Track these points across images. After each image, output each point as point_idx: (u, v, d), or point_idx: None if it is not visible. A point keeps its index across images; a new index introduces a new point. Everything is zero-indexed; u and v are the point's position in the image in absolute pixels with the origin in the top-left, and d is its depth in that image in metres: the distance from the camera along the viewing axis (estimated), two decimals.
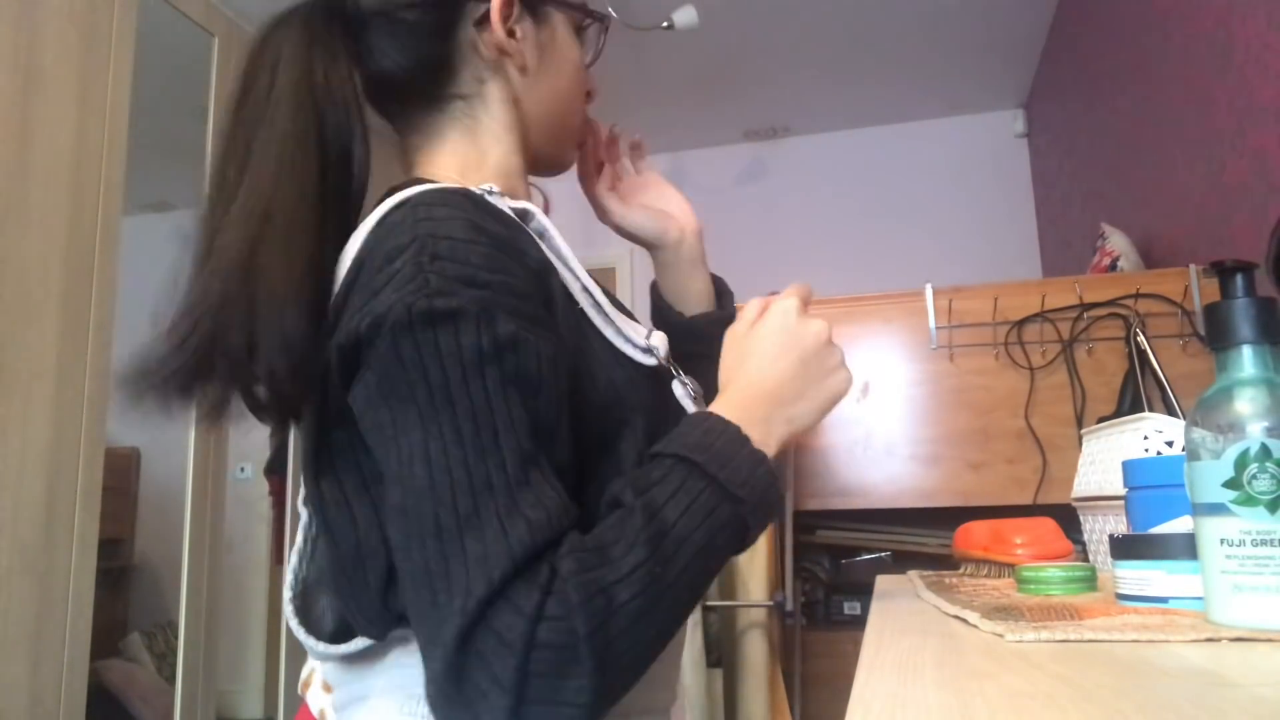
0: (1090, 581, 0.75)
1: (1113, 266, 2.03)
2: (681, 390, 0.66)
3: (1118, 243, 2.09)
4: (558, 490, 0.51)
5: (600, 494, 0.55)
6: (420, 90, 0.69)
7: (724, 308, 0.86)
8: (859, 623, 1.92)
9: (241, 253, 0.57)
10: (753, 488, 0.54)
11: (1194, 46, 1.85)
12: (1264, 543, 0.50)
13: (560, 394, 0.55)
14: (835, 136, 4.08)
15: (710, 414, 0.57)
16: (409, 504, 0.50)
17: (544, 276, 0.58)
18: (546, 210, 0.71)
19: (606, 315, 0.63)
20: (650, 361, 0.64)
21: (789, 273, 4.02)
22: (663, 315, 0.86)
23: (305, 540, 0.66)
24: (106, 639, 2.98)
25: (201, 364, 0.57)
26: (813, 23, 3.17)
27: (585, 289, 0.63)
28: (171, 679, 2.56)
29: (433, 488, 0.49)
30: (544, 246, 0.62)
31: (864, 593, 1.96)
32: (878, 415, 1.91)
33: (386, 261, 0.53)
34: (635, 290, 4.11)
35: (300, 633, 0.63)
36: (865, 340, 1.95)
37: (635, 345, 0.64)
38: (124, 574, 3.61)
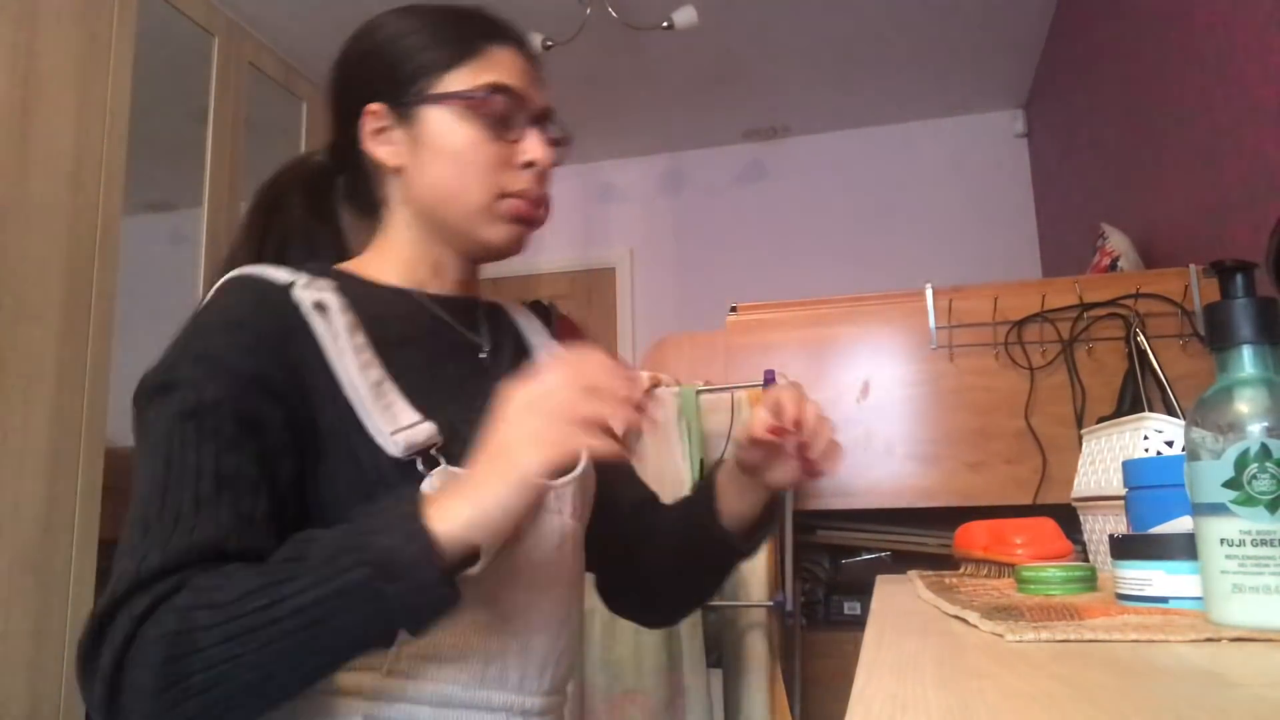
0: (1090, 581, 0.75)
1: (1113, 266, 2.03)
2: (429, 485, 0.64)
3: (1118, 243, 2.09)
4: (219, 526, 0.59)
5: None
6: (356, 207, 0.84)
7: (750, 544, 0.86)
8: (859, 623, 1.91)
9: None
10: (393, 560, 0.53)
11: (1194, 46, 1.85)
12: (1264, 543, 0.50)
13: (259, 457, 0.63)
14: (835, 136, 4.08)
15: (397, 502, 0.57)
16: (131, 515, 0.61)
17: (297, 372, 0.66)
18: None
19: (363, 404, 0.66)
20: (393, 453, 0.65)
21: (789, 272, 4.03)
22: (708, 506, 0.85)
23: None
24: None
25: None
26: (813, 23, 3.17)
27: (351, 379, 0.67)
28: None
29: (134, 509, 0.60)
30: (330, 338, 0.67)
31: (864, 593, 1.96)
32: (877, 415, 1.91)
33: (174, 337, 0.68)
34: (635, 291, 4.11)
35: None
36: (865, 340, 1.95)
37: (382, 436, 0.66)
38: None
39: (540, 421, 0.57)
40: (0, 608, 1.87)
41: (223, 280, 0.70)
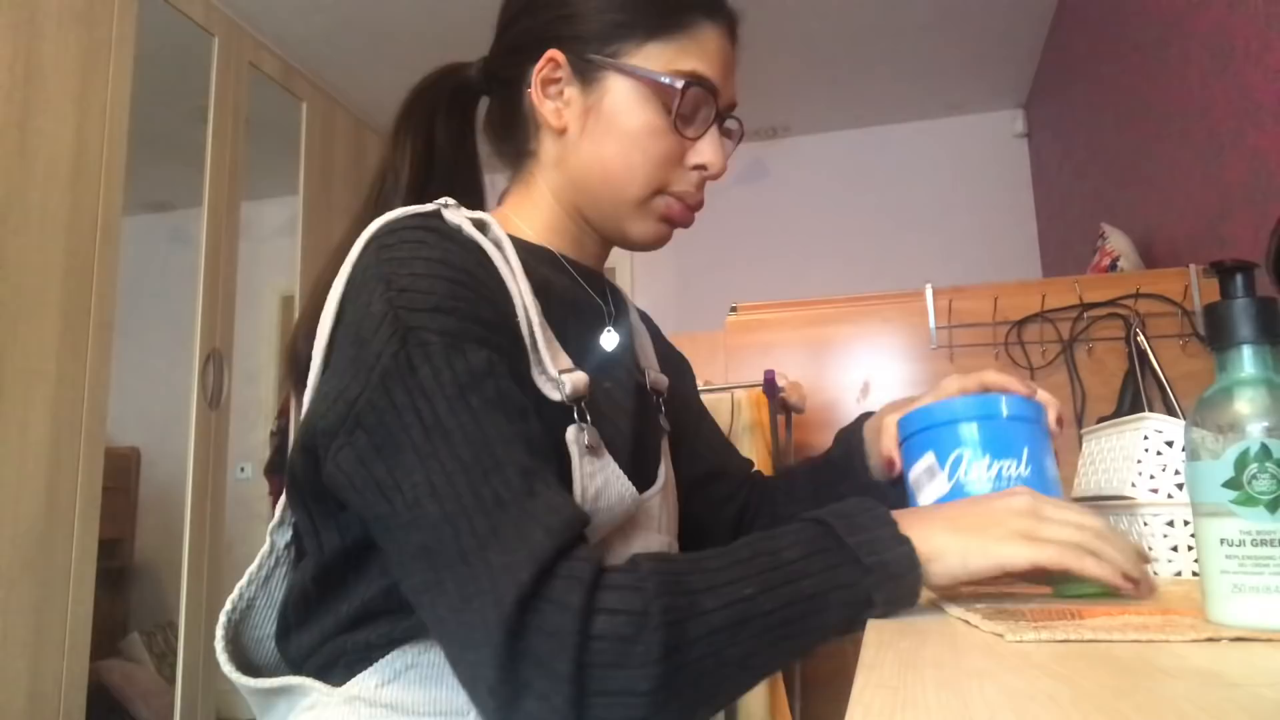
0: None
1: (1113, 266, 2.03)
2: (574, 434, 0.61)
3: (1118, 243, 2.09)
4: (565, 498, 0.53)
5: None
6: (497, 144, 0.77)
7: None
8: None
9: None
10: (885, 563, 0.52)
11: (1194, 46, 1.85)
12: (1264, 543, 0.50)
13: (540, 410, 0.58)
14: (835, 136, 4.08)
15: (874, 503, 0.56)
16: (429, 541, 0.50)
17: (504, 297, 0.61)
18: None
19: (535, 339, 0.62)
20: (555, 396, 0.61)
21: (789, 273, 4.03)
22: (851, 458, 0.82)
23: (260, 565, 0.68)
24: (106, 639, 2.98)
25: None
26: (813, 23, 3.17)
27: (525, 306, 0.62)
28: (171, 679, 2.56)
29: (446, 518, 0.50)
30: (500, 257, 0.62)
31: None
32: None
33: (357, 313, 0.57)
34: (635, 291, 4.11)
35: (223, 657, 0.65)
36: (865, 340, 1.95)
37: (547, 375, 0.62)
38: (124, 574, 3.61)
39: (1001, 514, 0.55)
40: (0, 608, 1.87)
41: (398, 226, 0.61)
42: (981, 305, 1.87)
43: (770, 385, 1.75)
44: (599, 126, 0.69)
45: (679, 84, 0.67)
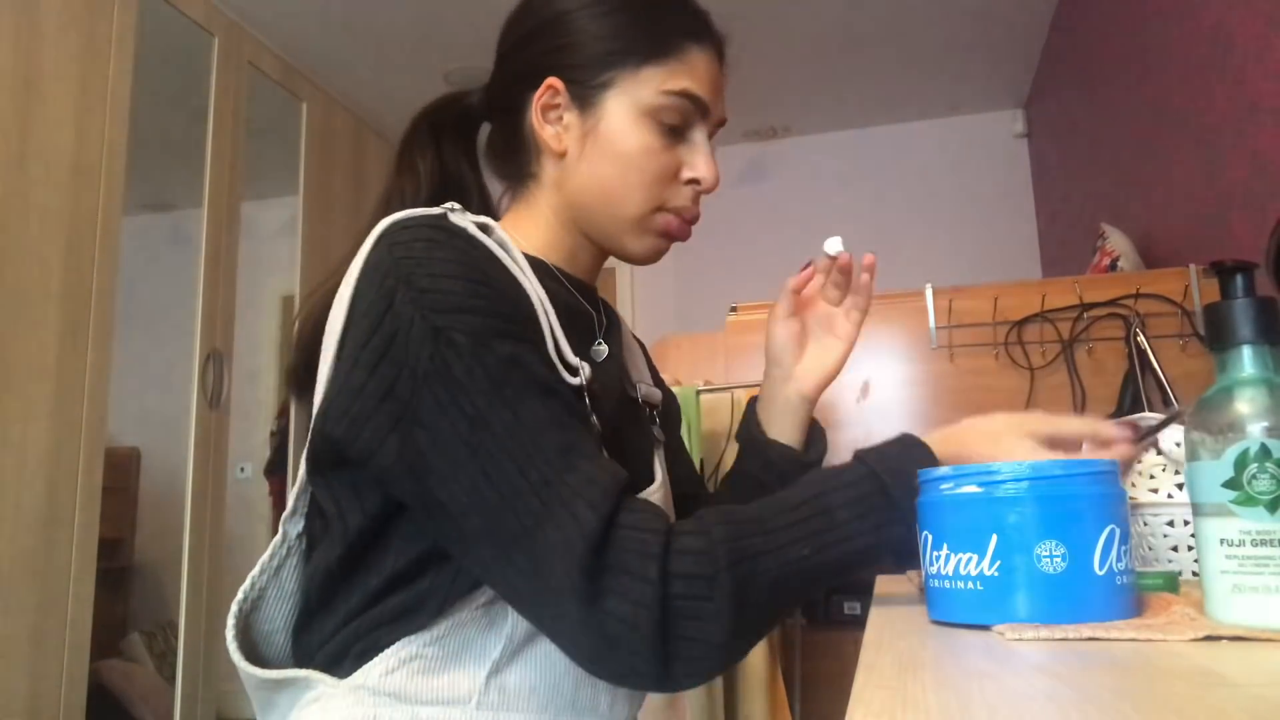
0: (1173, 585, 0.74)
1: (1113, 266, 2.03)
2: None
3: (1118, 243, 2.09)
4: (603, 464, 0.58)
5: None
6: (499, 168, 0.80)
7: (808, 454, 0.90)
8: (859, 623, 1.91)
9: None
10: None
11: (1194, 46, 1.85)
12: (1264, 543, 0.50)
13: (567, 390, 0.63)
14: (835, 136, 4.08)
15: (919, 441, 0.65)
16: (490, 524, 0.56)
17: (519, 292, 0.64)
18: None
19: (552, 327, 0.66)
20: (574, 381, 0.65)
21: (789, 272, 4.01)
22: (748, 424, 0.91)
23: (273, 556, 0.69)
24: (106, 639, 2.98)
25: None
26: (813, 23, 3.17)
27: (539, 298, 0.66)
28: (171, 679, 2.56)
29: (502, 501, 0.56)
30: (507, 257, 0.66)
31: (864, 593, 1.95)
32: (878, 415, 1.91)
33: (378, 310, 0.60)
34: (635, 291, 4.11)
35: (232, 646, 0.66)
36: (865, 340, 1.93)
37: (565, 361, 0.65)
38: (124, 574, 3.61)
39: (1003, 435, 0.68)
40: (0, 608, 1.87)
41: (409, 224, 0.64)
42: (981, 305, 1.87)
43: None
44: (597, 149, 0.72)
45: (672, 102, 0.71)
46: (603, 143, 0.72)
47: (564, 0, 0.74)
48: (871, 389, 1.93)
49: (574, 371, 0.65)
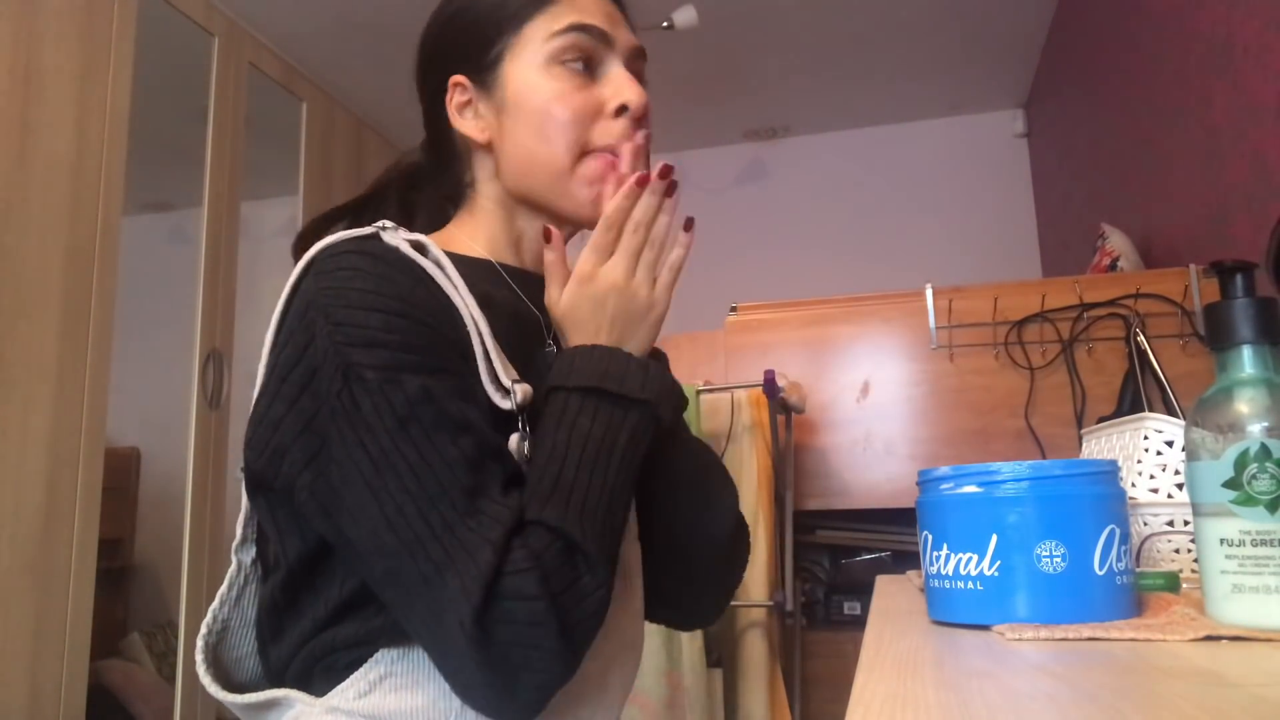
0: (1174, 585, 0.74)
1: (1113, 266, 2.03)
2: (515, 442, 0.63)
3: (1118, 243, 2.09)
4: (505, 504, 0.57)
5: None
6: (440, 188, 0.80)
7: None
8: (859, 623, 1.91)
9: None
10: (651, 389, 0.64)
11: (1194, 46, 1.85)
12: (1264, 543, 0.50)
13: (490, 419, 0.62)
14: (835, 136, 4.08)
15: (591, 346, 0.66)
16: (392, 566, 0.56)
17: (448, 316, 0.63)
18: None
19: (485, 349, 0.64)
20: (505, 405, 0.63)
21: (789, 273, 4.02)
22: None
23: (230, 586, 0.69)
24: (106, 639, 2.98)
25: None
26: (813, 23, 3.17)
27: (473, 319, 0.64)
28: (171, 679, 2.56)
29: (404, 546, 0.55)
30: (441, 275, 0.65)
31: (864, 593, 1.96)
32: (877, 415, 1.91)
33: (300, 341, 0.60)
34: None
35: (206, 679, 0.66)
36: (865, 340, 1.95)
37: (498, 385, 0.64)
38: (124, 574, 3.61)
39: (621, 317, 0.68)
40: (0, 608, 1.87)
41: (335, 252, 0.63)
42: (981, 305, 1.87)
43: (770, 385, 1.75)
44: (511, 119, 0.72)
45: (565, 40, 0.70)
46: (513, 110, 0.71)
47: (441, 14, 0.76)
48: (871, 389, 1.93)
49: (507, 393, 0.63)
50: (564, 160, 0.70)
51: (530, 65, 0.71)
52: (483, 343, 0.64)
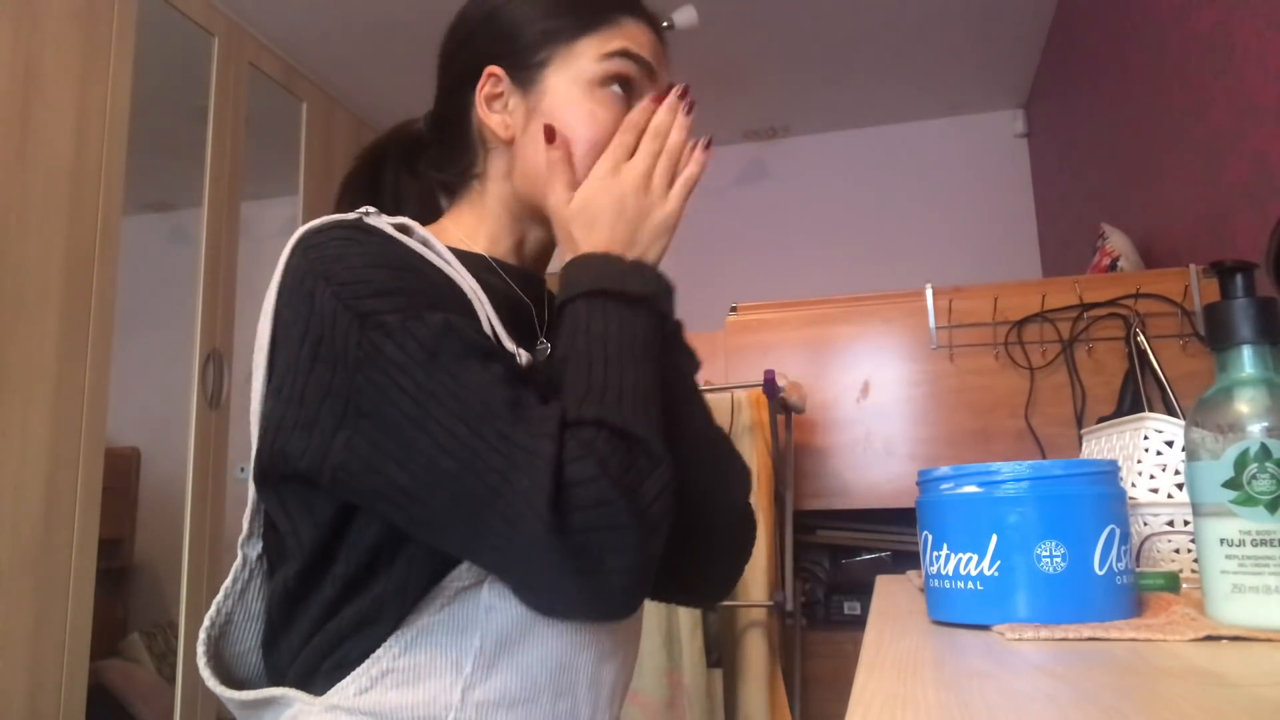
0: (1174, 585, 0.74)
1: (1113, 266, 2.03)
2: None
3: (1118, 243, 2.09)
4: (546, 407, 0.58)
5: None
6: (441, 175, 0.79)
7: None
8: (859, 623, 1.92)
9: None
10: (650, 286, 0.66)
11: (1193, 46, 1.85)
12: (1264, 543, 0.50)
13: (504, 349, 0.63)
14: (835, 136, 4.08)
15: (586, 256, 0.66)
16: (457, 492, 0.55)
17: (449, 284, 0.64)
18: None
19: (488, 315, 0.65)
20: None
21: (789, 273, 4.02)
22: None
23: (235, 580, 0.69)
24: (106, 639, 2.98)
25: None
26: (813, 23, 3.17)
27: (473, 289, 0.65)
28: (171, 679, 2.56)
29: (466, 466, 0.55)
30: (430, 253, 0.65)
31: (864, 593, 1.96)
32: (877, 415, 1.91)
33: (301, 312, 0.60)
34: None
35: (206, 672, 0.66)
36: (865, 340, 1.95)
37: (509, 347, 0.65)
38: (124, 574, 3.61)
39: (631, 214, 0.69)
40: (0, 608, 1.87)
41: (322, 229, 0.64)
42: (981, 305, 1.88)
43: (770, 385, 1.75)
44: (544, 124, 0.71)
45: (612, 65, 0.72)
46: (546, 118, 0.71)
47: (488, 1, 0.75)
48: (871, 389, 1.93)
49: (517, 356, 0.65)
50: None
51: (575, 80, 0.72)
52: (485, 310, 0.65)
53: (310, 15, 2.95)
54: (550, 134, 0.69)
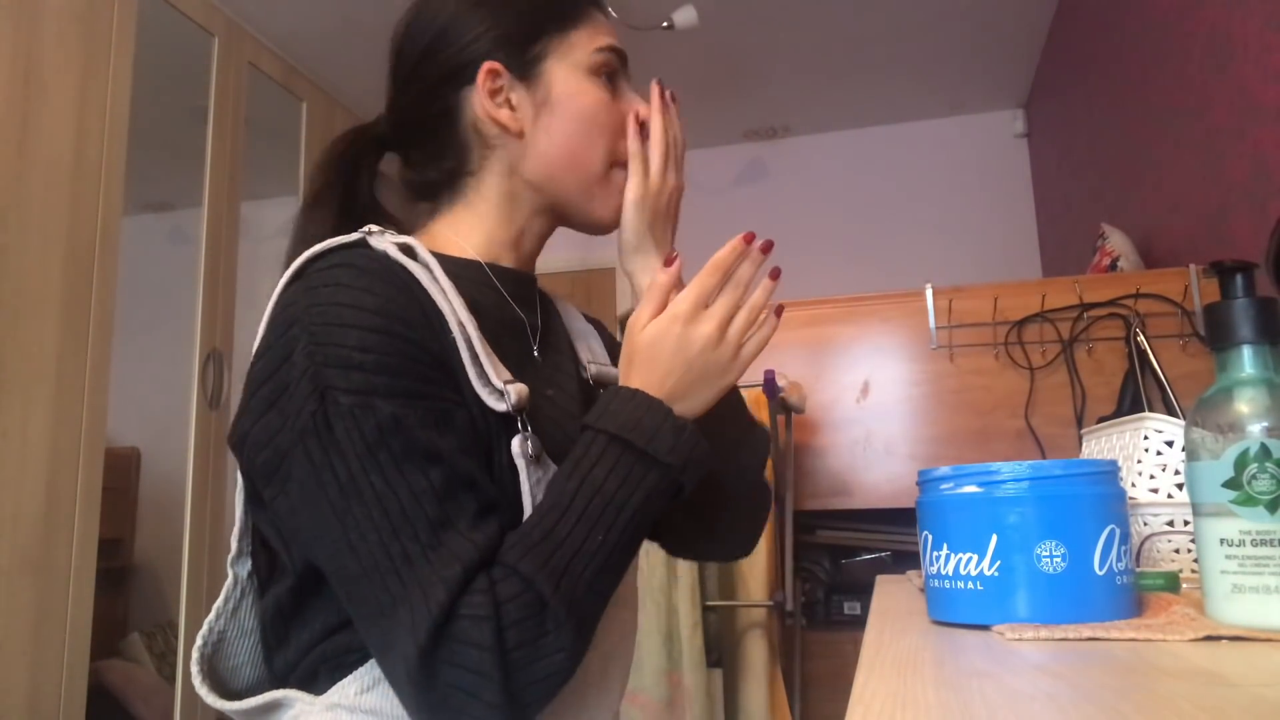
0: (1174, 585, 0.74)
1: (1113, 266, 2.03)
2: (519, 445, 0.63)
3: (1118, 243, 2.09)
4: (473, 540, 0.56)
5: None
6: (425, 179, 0.77)
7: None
8: (859, 623, 1.91)
9: None
10: (680, 452, 0.62)
11: (1194, 46, 1.85)
12: (1263, 543, 0.50)
13: (469, 442, 0.61)
14: (835, 136, 4.08)
15: (634, 391, 0.64)
16: (352, 591, 0.56)
17: (431, 325, 0.61)
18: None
19: (475, 353, 0.63)
20: (500, 407, 0.63)
21: (789, 273, 4.02)
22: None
23: (226, 599, 0.69)
24: (106, 639, 2.98)
25: None
26: (813, 23, 3.17)
27: (460, 323, 0.63)
28: (171, 679, 2.56)
29: (364, 573, 0.55)
30: (429, 278, 0.64)
31: (864, 593, 1.96)
32: (877, 415, 1.91)
33: (278, 355, 0.60)
34: (634, 292, 4.11)
35: (203, 689, 0.66)
36: (865, 340, 1.95)
37: (491, 386, 0.63)
38: (124, 574, 3.61)
39: (697, 371, 0.66)
40: (0, 607, 1.87)
41: (322, 264, 0.63)
42: (981, 305, 1.88)
43: (770, 385, 1.75)
44: (554, 116, 0.72)
45: (604, 58, 0.74)
46: (559, 108, 0.72)
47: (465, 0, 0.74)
48: (871, 389, 1.93)
49: (501, 395, 0.63)
50: (602, 167, 0.74)
51: (575, 69, 0.73)
52: (470, 347, 0.63)
53: (310, 15, 2.95)
54: (670, 260, 0.71)
